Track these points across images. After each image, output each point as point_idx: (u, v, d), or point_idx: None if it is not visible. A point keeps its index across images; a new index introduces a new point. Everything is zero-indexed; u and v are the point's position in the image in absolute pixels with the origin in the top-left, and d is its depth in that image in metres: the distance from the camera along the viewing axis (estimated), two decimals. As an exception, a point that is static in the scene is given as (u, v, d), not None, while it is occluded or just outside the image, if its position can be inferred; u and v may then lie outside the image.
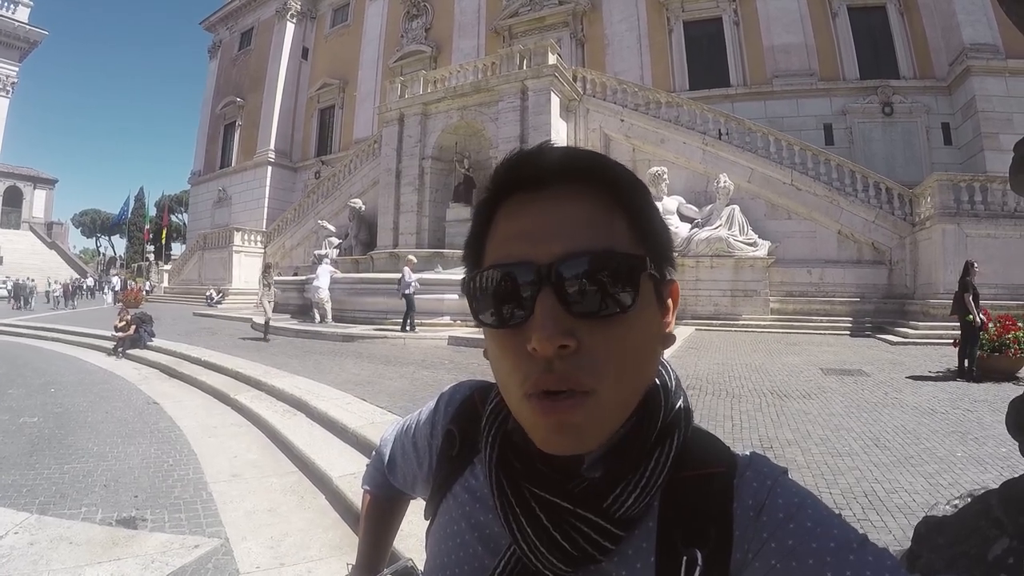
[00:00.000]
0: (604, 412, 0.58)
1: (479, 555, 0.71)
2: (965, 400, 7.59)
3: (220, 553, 3.83)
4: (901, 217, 17.03)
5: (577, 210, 0.60)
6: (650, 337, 0.62)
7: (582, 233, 0.58)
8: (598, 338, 0.57)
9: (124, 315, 13.18)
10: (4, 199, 59.17)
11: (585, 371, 0.56)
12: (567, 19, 29.83)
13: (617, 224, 0.60)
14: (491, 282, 0.61)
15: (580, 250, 0.57)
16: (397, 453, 0.99)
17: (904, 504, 4.01)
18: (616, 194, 0.62)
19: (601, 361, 0.57)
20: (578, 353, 0.56)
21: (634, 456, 0.63)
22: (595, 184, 0.62)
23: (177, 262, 39.35)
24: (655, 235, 0.63)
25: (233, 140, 42.90)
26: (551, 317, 0.55)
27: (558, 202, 0.60)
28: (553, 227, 0.59)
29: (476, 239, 0.67)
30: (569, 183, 0.61)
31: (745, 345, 13.19)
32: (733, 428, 6.16)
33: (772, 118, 23.69)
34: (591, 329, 0.57)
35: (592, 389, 0.56)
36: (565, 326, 0.56)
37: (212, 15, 47.15)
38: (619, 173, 0.63)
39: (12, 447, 6.07)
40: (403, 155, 23.17)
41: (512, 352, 0.59)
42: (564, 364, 0.56)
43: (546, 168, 0.62)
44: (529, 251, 0.59)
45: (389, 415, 6.48)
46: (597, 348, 0.57)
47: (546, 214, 0.60)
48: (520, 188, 0.63)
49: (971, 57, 21.75)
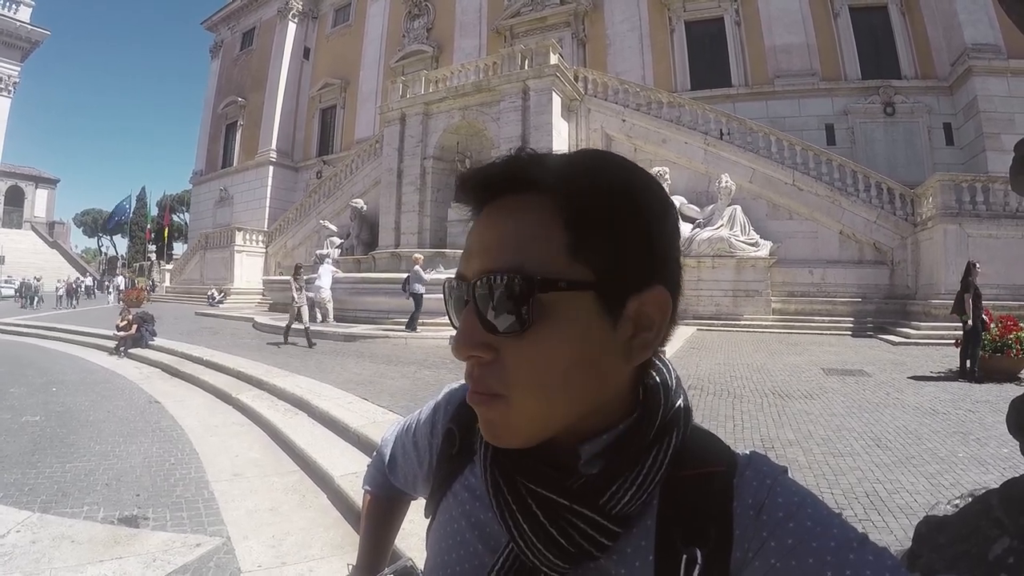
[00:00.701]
0: (515, 416, 0.60)
1: (479, 553, 0.71)
2: (967, 401, 7.59)
3: (222, 552, 3.84)
4: (903, 217, 17.01)
5: (505, 226, 0.61)
6: (574, 353, 0.59)
7: (497, 251, 0.60)
8: (511, 352, 0.59)
9: (126, 315, 13.19)
10: (6, 199, 59.31)
11: (494, 379, 0.60)
12: (569, 19, 29.77)
13: (547, 238, 0.59)
14: (447, 292, 0.68)
15: (488, 269, 0.59)
16: (398, 453, 1.00)
17: (906, 504, 4.01)
18: (558, 202, 0.60)
19: (510, 372, 0.59)
20: (493, 363, 0.60)
21: (632, 453, 0.63)
22: (535, 194, 0.61)
23: (179, 262, 39.36)
24: (614, 244, 0.60)
25: (235, 140, 42.87)
26: (464, 330, 0.61)
27: (497, 217, 0.63)
28: (481, 244, 0.62)
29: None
30: (512, 195, 0.62)
31: (747, 345, 13.19)
32: (735, 428, 6.15)
33: (774, 118, 23.65)
34: (506, 343, 0.59)
35: (501, 394, 0.60)
36: (479, 339, 0.60)
37: (213, 15, 47.11)
38: (568, 178, 0.61)
39: (14, 446, 6.08)
40: (405, 155, 23.17)
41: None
42: (478, 371, 0.61)
43: (495, 181, 0.64)
44: (463, 267, 0.64)
45: (391, 414, 6.48)
46: (510, 361, 0.59)
47: (482, 230, 0.64)
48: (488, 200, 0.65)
49: (973, 57, 21.70)
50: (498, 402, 0.60)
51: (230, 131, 43.70)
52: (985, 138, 21.13)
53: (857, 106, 24.09)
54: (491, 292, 0.58)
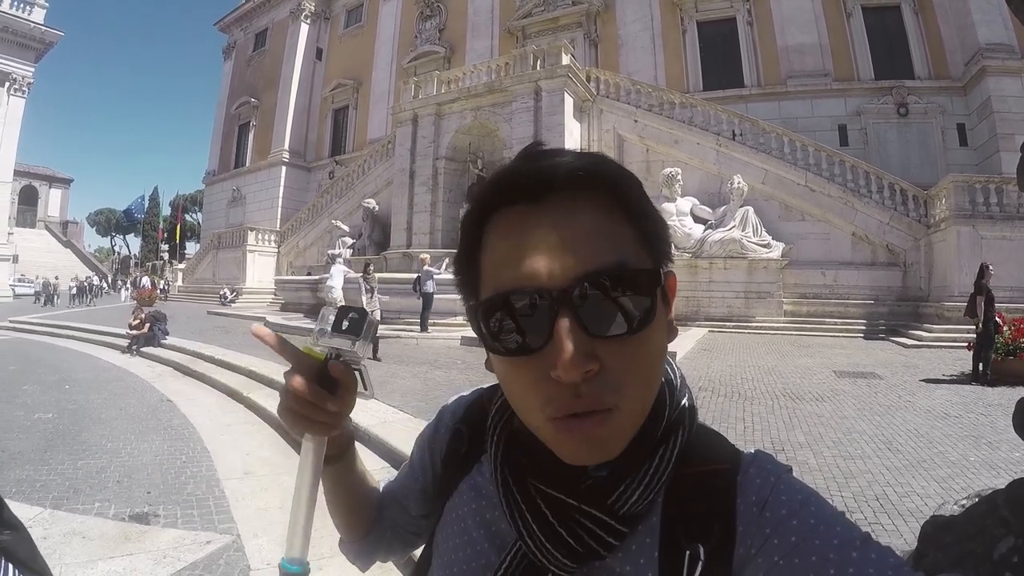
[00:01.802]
0: (626, 423, 0.58)
1: (485, 552, 0.71)
2: (979, 404, 7.54)
3: (232, 549, 3.86)
4: (916, 219, 16.90)
5: (582, 223, 0.57)
6: (663, 341, 0.61)
7: (591, 248, 0.56)
8: (618, 356, 0.55)
9: (138, 313, 13.27)
10: (20, 198, 59.73)
11: (609, 391, 0.55)
12: (581, 19, 29.74)
13: (623, 231, 0.58)
14: (500, 309, 0.58)
15: (593, 269, 0.55)
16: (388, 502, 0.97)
17: (916, 508, 3.99)
18: (617, 197, 0.59)
19: (622, 378, 0.56)
20: (601, 374, 0.54)
21: (639, 453, 0.63)
22: (595, 189, 0.59)
23: (191, 261, 39.58)
24: (657, 232, 0.62)
25: (247, 140, 43.11)
26: (573, 343, 0.53)
27: (559, 215, 0.57)
28: (561, 245, 0.56)
29: (468, 257, 0.65)
30: (568, 191, 0.58)
31: (758, 347, 13.14)
32: (745, 430, 6.14)
33: (786, 119, 23.53)
34: (611, 348, 0.55)
35: (614, 405, 0.55)
36: (587, 350, 0.54)
37: (226, 16, 47.41)
38: (618, 172, 0.61)
39: (27, 443, 6.13)
40: (417, 155, 23.19)
41: (528, 378, 0.57)
42: (589, 387, 0.54)
43: (541, 177, 0.58)
44: (538, 274, 0.56)
45: (401, 414, 6.50)
46: (618, 367, 0.55)
47: (548, 231, 0.57)
48: (513, 201, 0.60)
49: (986, 57, 21.55)
50: (612, 416, 0.55)
51: (243, 131, 43.93)
52: (999, 139, 20.95)
53: (870, 107, 23.95)
54: (605, 292, 0.55)
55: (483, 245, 0.62)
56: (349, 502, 0.92)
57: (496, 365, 0.62)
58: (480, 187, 0.63)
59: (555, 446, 0.59)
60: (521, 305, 0.56)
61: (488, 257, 0.61)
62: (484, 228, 0.62)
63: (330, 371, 0.71)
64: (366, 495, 0.94)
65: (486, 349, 0.61)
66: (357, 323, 0.75)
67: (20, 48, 38.64)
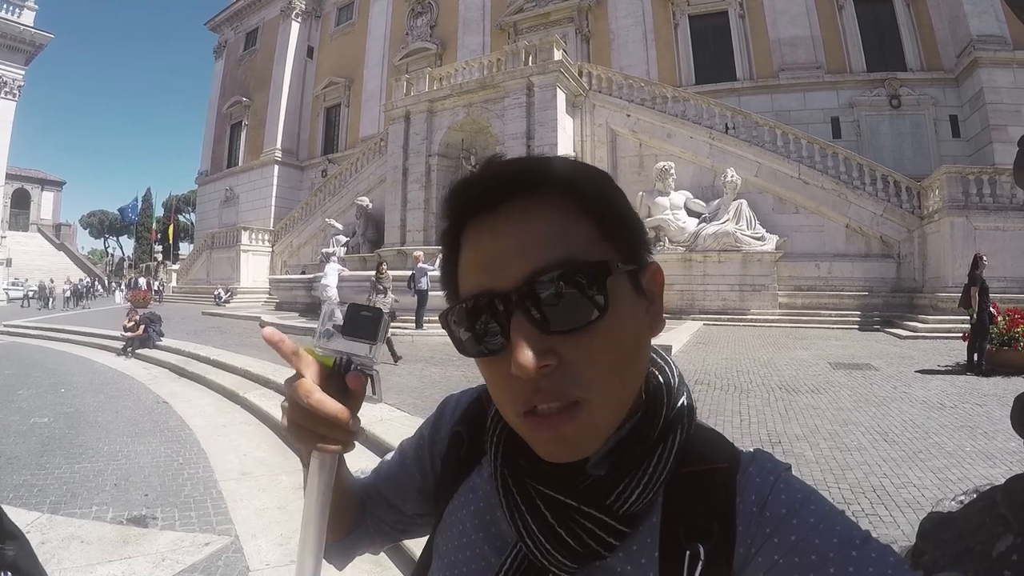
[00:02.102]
0: (596, 417, 0.58)
1: (485, 554, 0.71)
2: (974, 394, 7.56)
3: (230, 551, 3.86)
4: (909, 210, 16.93)
5: (532, 225, 0.59)
6: (632, 332, 0.61)
7: (537, 250, 0.57)
8: (577, 350, 0.56)
9: (133, 315, 13.24)
10: (12, 201, 59.35)
11: (570, 383, 0.56)
12: (572, 15, 29.72)
13: (577, 228, 0.59)
14: (464, 316, 0.61)
15: (538, 268, 0.56)
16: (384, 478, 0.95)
17: (913, 499, 4.01)
18: (573, 195, 0.60)
19: (584, 371, 0.57)
20: (560, 368, 0.56)
21: (638, 453, 0.63)
22: (546, 191, 0.60)
23: (185, 262, 39.50)
24: (624, 226, 0.63)
25: (240, 139, 43.02)
26: (525, 341, 0.55)
27: (512, 222, 0.59)
28: (509, 250, 0.58)
29: (447, 266, 0.67)
30: (519, 197, 0.60)
31: (753, 340, 13.17)
32: (742, 423, 6.15)
33: (779, 112, 23.60)
34: (568, 343, 0.56)
35: (580, 398, 0.56)
36: (541, 347, 0.55)
37: (217, 16, 47.28)
38: (571, 171, 0.62)
39: (23, 447, 6.12)
40: (410, 152, 23.20)
41: (498, 376, 0.60)
42: (548, 381, 0.56)
43: (493, 188, 0.61)
44: (491, 280, 0.58)
45: (397, 412, 6.49)
46: (578, 359, 0.56)
47: (500, 237, 0.59)
48: (475, 212, 0.62)
49: (979, 48, 21.59)
50: (579, 409, 0.56)
51: (235, 131, 43.84)
52: (992, 130, 21.02)
53: (863, 99, 24.00)
54: (551, 289, 0.56)
55: (460, 253, 0.64)
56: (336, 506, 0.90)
57: (477, 366, 0.64)
58: (447, 198, 0.65)
59: (531, 443, 0.60)
60: (480, 310, 0.59)
61: (460, 266, 0.64)
62: (460, 238, 0.64)
63: (348, 384, 0.67)
64: (351, 496, 0.92)
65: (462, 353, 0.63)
66: (372, 324, 0.69)
67: (10, 51, 38.52)
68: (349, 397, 0.67)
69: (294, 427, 0.67)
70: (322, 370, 0.67)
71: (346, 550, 0.93)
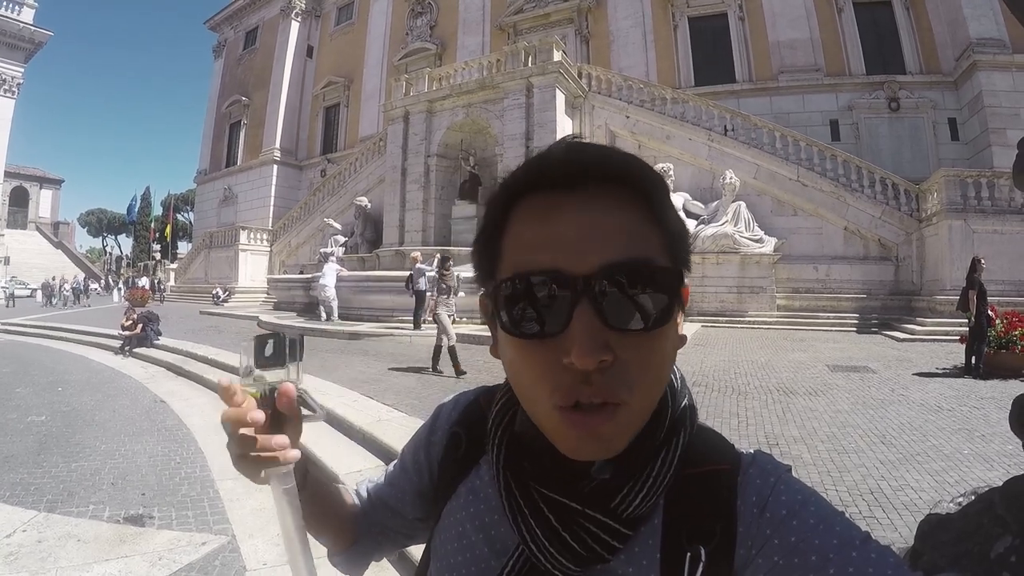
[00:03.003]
0: (632, 421, 0.58)
1: (485, 556, 0.71)
2: (972, 397, 7.57)
3: (227, 550, 3.86)
4: (908, 213, 16.93)
5: (614, 217, 0.58)
6: (674, 342, 0.62)
7: (620, 242, 0.56)
8: (633, 351, 0.56)
9: (131, 314, 13.23)
10: (10, 200, 59.37)
11: (621, 384, 0.55)
12: (572, 15, 29.71)
13: (650, 231, 0.59)
14: (521, 291, 0.58)
15: (619, 261, 0.56)
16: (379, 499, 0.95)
17: (910, 501, 4.01)
18: (649, 199, 0.60)
19: (635, 373, 0.56)
20: (614, 366, 0.55)
21: (642, 456, 0.63)
22: (630, 188, 0.60)
23: (183, 261, 39.44)
24: (680, 238, 0.63)
25: (239, 139, 42.96)
26: (591, 331, 0.54)
27: (592, 207, 0.58)
28: (589, 234, 0.57)
29: (489, 239, 0.64)
30: (603, 186, 0.59)
31: (751, 342, 13.17)
32: (739, 425, 6.16)
33: (778, 114, 23.59)
34: (626, 342, 0.55)
35: (624, 401, 0.56)
36: (603, 340, 0.54)
37: (217, 15, 47.23)
38: (652, 176, 0.62)
39: (20, 445, 6.11)
40: (409, 153, 23.17)
41: (541, 363, 0.57)
42: (601, 377, 0.54)
43: (579, 168, 0.59)
44: (563, 260, 0.56)
45: (395, 412, 6.50)
46: (632, 361, 0.56)
47: (580, 220, 0.57)
48: (545, 187, 0.60)
49: (978, 52, 21.60)
50: (620, 411, 0.56)
51: (234, 130, 43.79)
52: (990, 133, 21.04)
53: (862, 101, 24.01)
54: (628, 286, 0.55)
55: (507, 229, 0.62)
56: (329, 518, 0.90)
57: (507, 350, 0.62)
58: (514, 171, 0.63)
59: (557, 437, 0.59)
60: (543, 289, 0.56)
61: (512, 240, 0.61)
62: (510, 212, 0.62)
63: (278, 407, 0.72)
64: (344, 506, 0.93)
65: (501, 330, 0.61)
66: (279, 348, 0.73)
67: (9, 48, 38.54)
68: (285, 420, 0.73)
69: (239, 459, 0.73)
70: (252, 403, 0.73)
71: (355, 559, 0.94)
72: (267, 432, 0.71)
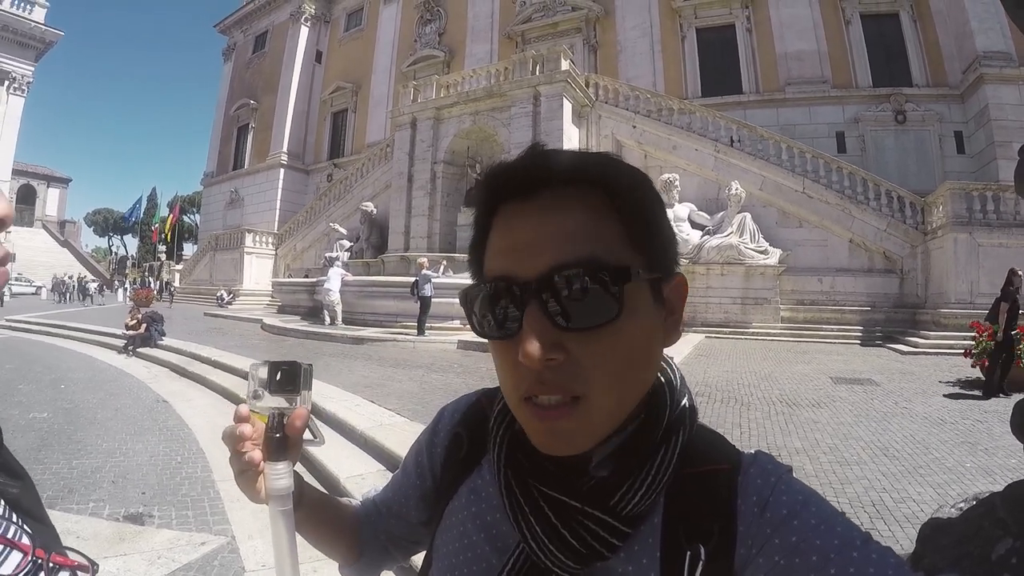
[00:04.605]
0: (594, 416, 0.59)
1: (486, 555, 0.71)
2: (975, 411, 7.54)
3: (226, 550, 3.86)
4: (913, 226, 16.90)
5: (562, 219, 0.60)
6: (643, 340, 0.62)
7: (566, 245, 0.58)
8: (586, 348, 0.58)
9: (135, 314, 13.25)
10: (18, 197, 59.61)
11: (573, 379, 0.58)
12: (580, 25, 29.81)
13: (607, 229, 0.60)
14: (483, 296, 0.62)
15: (561, 263, 0.57)
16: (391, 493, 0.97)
17: (912, 514, 3.99)
18: (609, 196, 0.61)
19: (589, 369, 0.58)
20: (567, 363, 0.57)
21: (641, 454, 0.64)
22: (585, 187, 0.61)
23: (188, 262, 39.54)
24: (654, 234, 0.64)
25: (246, 142, 43.14)
26: (536, 332, 0.56)
27: (544, 212, 0.60)
28: (537, 240, 0.60)
29: (475, 248, 0.69)
30: (558, 189, 0.61)
31: (755, 353, 13.14)
32: (742, 436, 6.15)
33: (784, 125, 23.62)
34: (578, 340, 0.58)
35: (582, 395, 0.58)
36: (550, 340, 0.57)
37: (227, 18, 47.50)
38: (614, 172, 0.63)
39: (21, 442, 6.11)
40: (415, 159, 23.22)
41: (506, 360, 0.61)
42: (552, 374, 0.57)
43: (533, 176, 0.62)
44: (515, 266, 0.60)
45: (398, 417, 6.49)
46: (585, 357, 0.58)
47: (531, 226, 0.60)
48: (511, 197, 0.63)
49: (984, 65, 21.63)
50: (578, 406, 0.58)
51: (242, 133, 43.97)
52: (996, 146, 21.02)
53: (868, 114, 24.04)
54: (571, 286, 0.57)
55: (489, 235, 0.66)
56: (333, 535, 0.93)
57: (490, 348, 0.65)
58: (484, 177, 0.66)
59: (528, 432, 0.62)
60: (497, 295, 0.61)
61: (489, 248, 0.65)
62: (492, 219, 0.65)
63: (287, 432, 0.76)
64: (345, 520, 0.94)
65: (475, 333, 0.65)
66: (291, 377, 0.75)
67: (20, 47, 38.72)
68: (290, 445, 0.76)
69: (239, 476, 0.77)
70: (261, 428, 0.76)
71: (365, 570, 0.95)
72: (271, 455, 0.74)
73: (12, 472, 0.83)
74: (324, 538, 0.92)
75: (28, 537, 0.75)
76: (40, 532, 0.81)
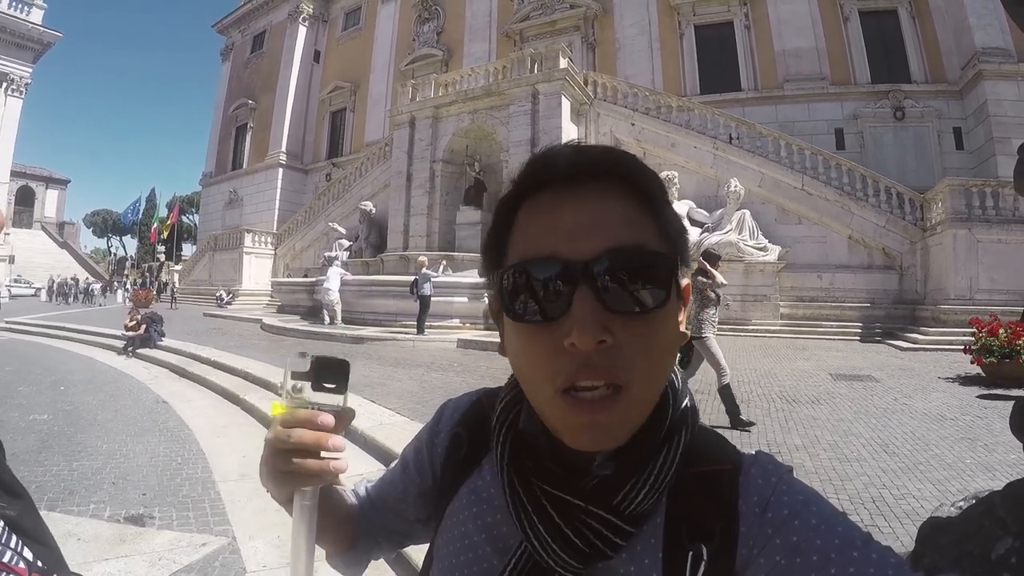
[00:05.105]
0: (632, 409, 0.60)
1: (488, 555, 0.71)
2: (975, 407, 7.54)
3: (227, 551, 3.85)
4: (912, 222, 16.92)
5: (612, 207, 0.61)
6: (676, 331, 0.64)
7: (618, 230, 0.60)
8: (631, 334, 0.58)
9: (135, 315, 13.24)
10: (17, 199, 59.59)
11: (620, 366, 0.57)
12: (578, 23, 29.78)
13: (647, 223, 0.62)
14: (525, 277, 0.61)
15: (617, 247, 0.58)
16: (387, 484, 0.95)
17: (912, 510, 4.00)
18: (645, 193, 0.63)
19: (632, 357, 0.58)
20: (613, 349, 0.57)
21: (644, 454, 0.64)
22: (627, 182, 0.63)
23: (188, 263, 39.53)
24: (676, 231, 0.65)
25: (245, 142, 43.15)
26: (591, 313, 0.56)
27: (591, 199, 0.61)
28: (589, 223, 0.60)
29: (499, 234, 0.68)
30: (602, 180, 0.62)
31: (755, 350, 13.14)
32: (742, 433, 6.16)
33: (783, 122, 23.63)
34: (625, 325, 0.58)
35: (625, 384, 0.57)
36: (602, 322, 0.56)
37: (225, 18, 47.45)
38: (648, 173, 0.65)
39: (22, 444, 6.11)
40: (414, 158, 23.21)
41: (543, 347, 0.59)
42: (601, 358, 0.57)
43: (580, 164, 0.63)
44: (565, 247, 0.59)
45: (398, 417, 6.50)
46: (630, 344, 0.58)
47: (581, 210, 0.61)
48: (550, 184, 0.64)
49: (983, 61, 21.62)
50: (619, 399, 0.57)
51: (240, 133, 43.96)
52: (995, 142, 21.02)
53: (867, 110, 24.04)
54: (624, 269, 0.58)
55: (515, 225, 0.65)
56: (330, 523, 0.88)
57: (513, 340, 0.65)
58: (522, 170, 0.67)
59: (559, 426, 0.61)
60: (544, 275, 0.60)
61: (518, 234, 0.65)
62: (518, 210, 0.66)
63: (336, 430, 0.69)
64: (341, 508, 0.92)
65: (507, 318, 0.64)
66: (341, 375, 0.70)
67: (18, 48, 38.61)
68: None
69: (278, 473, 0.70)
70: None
71: (354, 561, 0.93)
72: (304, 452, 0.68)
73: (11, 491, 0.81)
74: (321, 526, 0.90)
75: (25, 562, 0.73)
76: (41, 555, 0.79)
